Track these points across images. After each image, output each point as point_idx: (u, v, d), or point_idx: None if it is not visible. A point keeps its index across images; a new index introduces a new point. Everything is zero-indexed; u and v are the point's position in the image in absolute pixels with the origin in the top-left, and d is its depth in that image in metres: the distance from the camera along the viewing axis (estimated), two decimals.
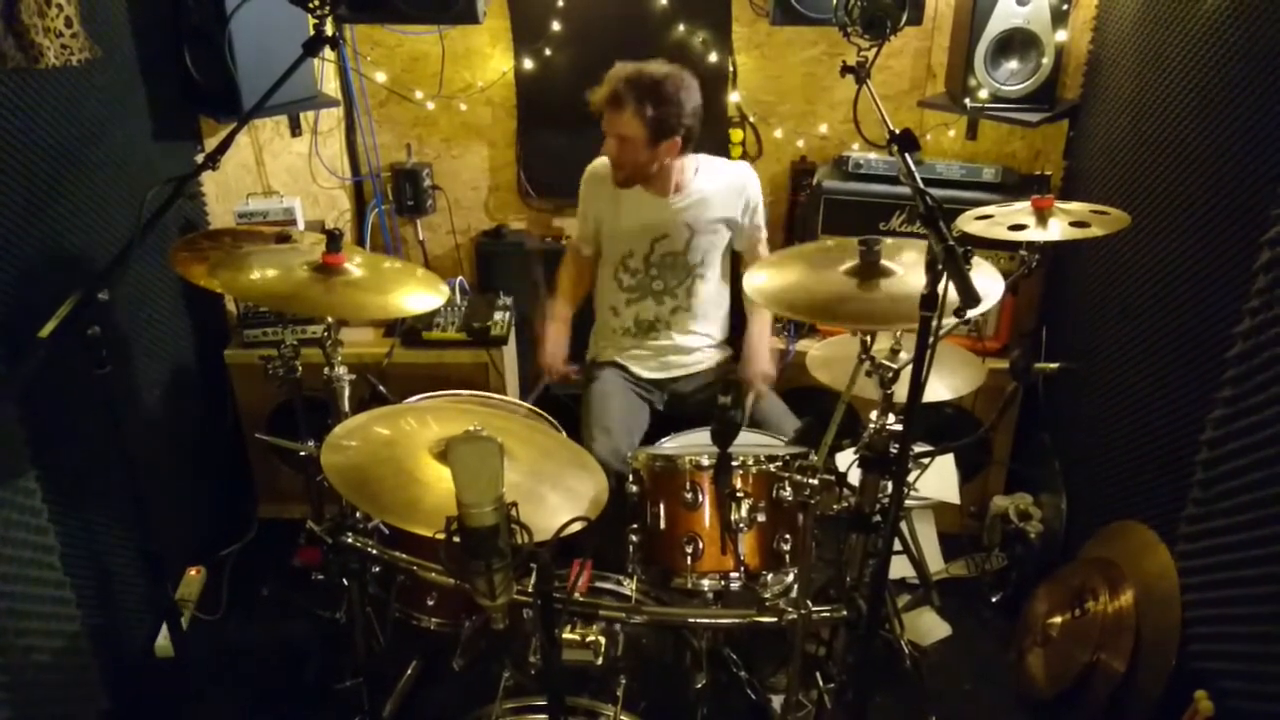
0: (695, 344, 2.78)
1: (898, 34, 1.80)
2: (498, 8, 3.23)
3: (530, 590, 1.34)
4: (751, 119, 3.39)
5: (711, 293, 2.77)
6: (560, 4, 3.19)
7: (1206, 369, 2.02)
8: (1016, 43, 2.81)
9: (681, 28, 3.17)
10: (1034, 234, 1.99)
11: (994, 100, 2.85)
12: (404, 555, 1.89)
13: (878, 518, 1.80)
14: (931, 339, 1.41)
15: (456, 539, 1.21)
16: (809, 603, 1.70)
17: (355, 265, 1.95)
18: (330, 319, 1.99)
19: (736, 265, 2.83)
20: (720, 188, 2.67)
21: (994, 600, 2.86)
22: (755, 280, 1.91)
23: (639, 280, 2.71)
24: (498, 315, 3.04)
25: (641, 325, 2.75)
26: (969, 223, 2.08)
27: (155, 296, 2.67)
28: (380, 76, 3.35)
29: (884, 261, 1.80)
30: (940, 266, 1.34)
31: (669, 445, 2.34)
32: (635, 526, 1.98)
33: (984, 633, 2.75)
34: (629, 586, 1.96)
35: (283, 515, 3.15)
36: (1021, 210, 2.07)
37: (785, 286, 1.89)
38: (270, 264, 1.93)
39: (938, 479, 2.79)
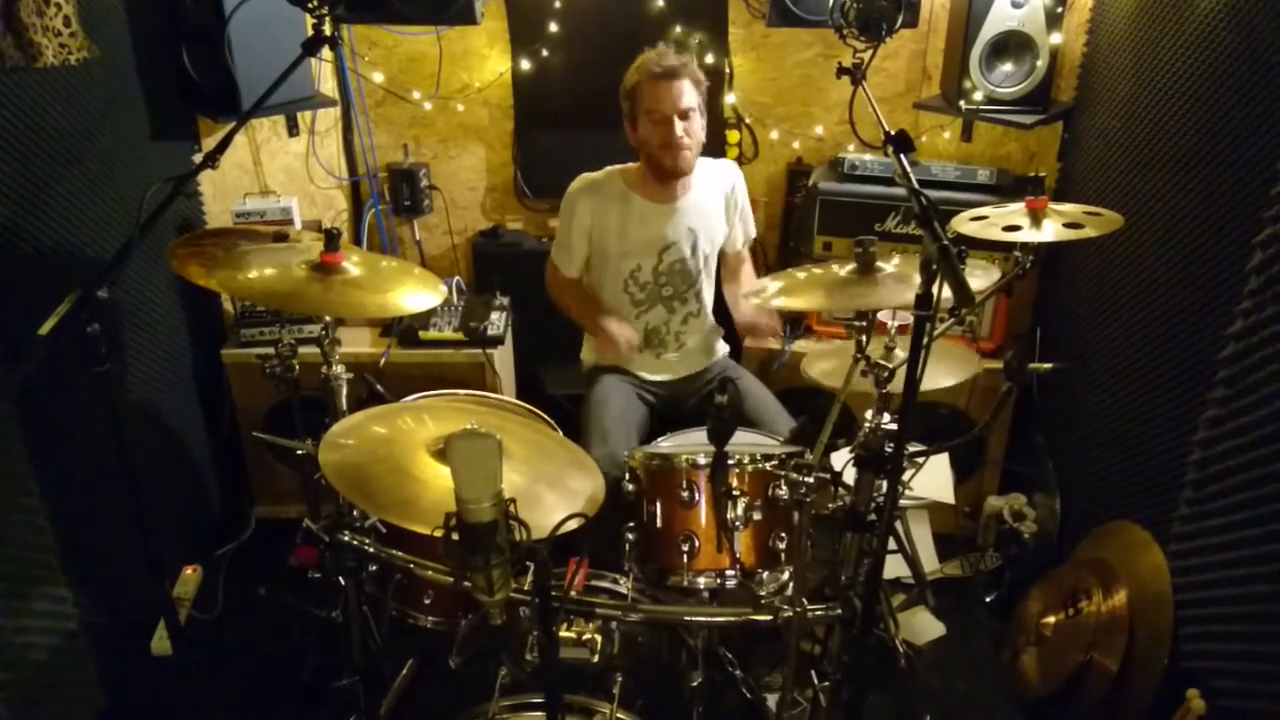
0: (697, 344, 2.79)
1: (893, 36, 1.81)
2: (495, 9, 3.23)
3: (527, 589, 1.34)
4: (747, 120, 3.40)
5: (714, 292, 2.78)
6: (558, 5, 3.20)
7: (1199, 369, 2.03)
8: (1011, 45, 2.83)
9: (678, 29, 3.18)
10: (1028, 235, 2.00)
11: (989, 102, 2.87)
12: (401, 554, 1.89)
13: (873, 517, 1.80)
14: (927, 338, 1.42)
15: (455, 535, 1.21)
16: (804, 601, 1.71)
17: (353, 264, 1.95)
18: (328, 318, 2.00)
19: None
20: (711, 187, 2.67)
21: (988, 600, 2.87)
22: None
23: (649, 292, 2.69)
24: (494, 315, 3.05)
25: (651, 333, 2.74)
26: (964, 224, 2.09)
27: (153, 295, 2.67)
28: (378, 77, 3.36)
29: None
30: (935, 266, 1.35)
31: (665, 444, 2.35)
32: (631, 525, 1.98)
33: (978, 632, 2.76)
34: (625, 585, 1.97)
35: (279, 514, 3.15)
36: (1016, 211, 2.07)
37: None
38: (268, 263, 1.93)
39: (932, 479, 2.80)
